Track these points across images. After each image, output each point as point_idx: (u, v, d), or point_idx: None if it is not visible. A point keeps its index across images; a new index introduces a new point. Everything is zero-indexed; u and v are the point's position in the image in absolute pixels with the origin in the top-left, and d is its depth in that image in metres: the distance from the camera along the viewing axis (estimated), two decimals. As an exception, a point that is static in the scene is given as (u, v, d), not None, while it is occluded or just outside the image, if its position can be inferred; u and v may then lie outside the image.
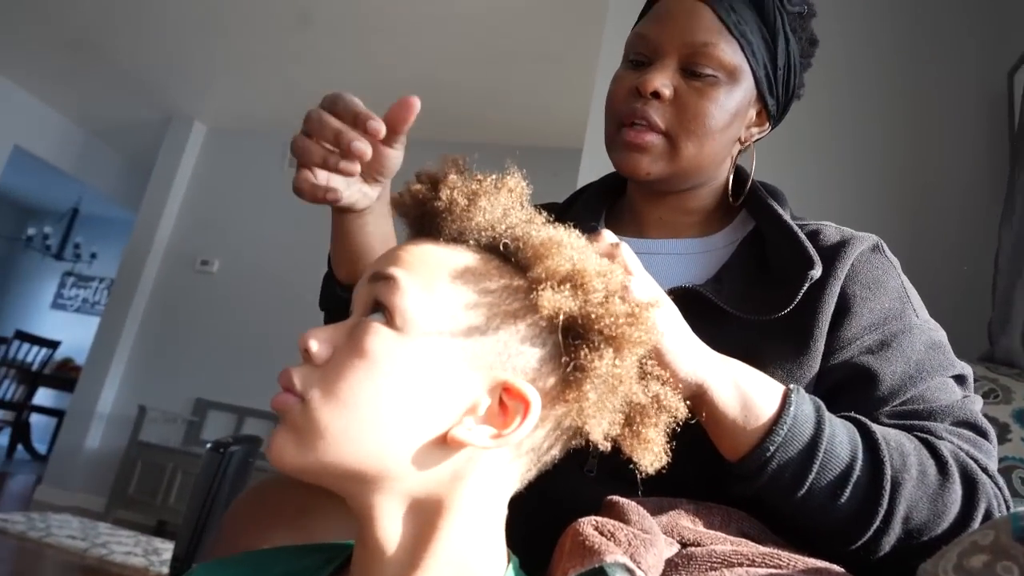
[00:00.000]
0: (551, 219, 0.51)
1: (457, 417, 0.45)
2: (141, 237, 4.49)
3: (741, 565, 0.54)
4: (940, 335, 0.70)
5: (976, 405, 0.67)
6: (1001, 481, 0.61)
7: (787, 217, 0.74)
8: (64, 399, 6.07)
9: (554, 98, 3.48)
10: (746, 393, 0.56)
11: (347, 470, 0.44)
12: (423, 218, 0.51)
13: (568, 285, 0.45)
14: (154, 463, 3.72)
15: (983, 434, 0.64)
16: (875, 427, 0.59)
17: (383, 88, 3.86)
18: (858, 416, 0.61)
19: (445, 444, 0.44)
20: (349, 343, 0.45)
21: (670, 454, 0.49)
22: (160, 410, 4.07)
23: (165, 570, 2.80)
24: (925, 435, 0.61)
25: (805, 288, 0.67)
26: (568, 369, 0.46)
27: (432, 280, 0.46)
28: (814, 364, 0.66)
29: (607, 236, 0.54)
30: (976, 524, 0.57)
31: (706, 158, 0.74)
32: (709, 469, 0.61)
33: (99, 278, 7.21)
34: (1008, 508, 0.60)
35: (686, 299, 0.66)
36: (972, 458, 0.61)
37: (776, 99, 0.76)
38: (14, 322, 7.08)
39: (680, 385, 0.53)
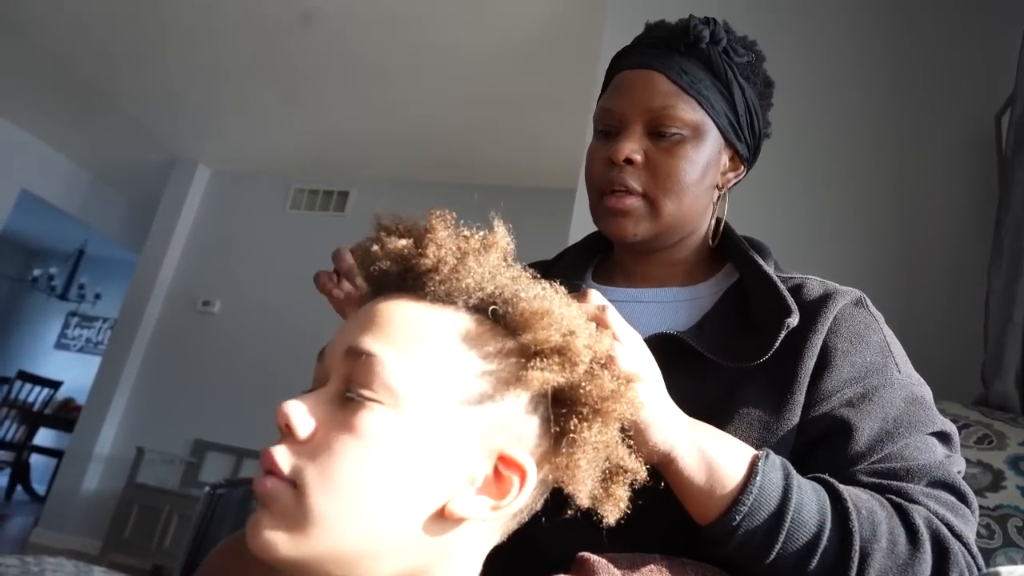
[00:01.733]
0: (537, 276, 0.51)
1: (455, 489, 0.44)
2: (143, 278, 4.52)
3: (709, 628, 0.53)
4: (923, 391, 0.70)
5: (957, 466, 0.66)
6: (975, 549, 0.60)
7: (767, 268, 0.75)
8: (65, 439, 6.04)
9: (550, 139, 3.53)
10: (712, 461, 0.56)
11: (341, 556, 0.41)
12: (405, 275, 0.48)
13: (557, 357, 0.45)
14: (151, 506, 3.69)
15: (962, 497, 0.63)
16: (846, 493, 0.59)
17: (382, 131, 3.93)
18: (830, 480, 0.60)
19: (443, 517, 0.43)
20: (339, 421, 0.43)
21: (643, 507, 0.50)
22: (158, 451, 4.04)
23: (158, 617, 2.74)
24: (899, 499, 0.60)
25: (782, 336, 0.67)
26: (559, 438, 0.46)
27: (417, 346, 0.44)
28: (793, 416, 0.66)
29: (594, 297, 0.54)
30: None
31: (687, 211, 0.76)
32: (690, 523, 0.61)
33: (103, 318, 7.24)
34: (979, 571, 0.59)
35: (667, 345, 0.68)
36: (946, 524, 0.60)
37: (744, 143, 0.80)
38: (17, 362, 7.09)
39: (651, 452, 0.54)
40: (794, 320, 0.68)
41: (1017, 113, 1.32)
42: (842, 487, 0.59)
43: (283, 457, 0.42)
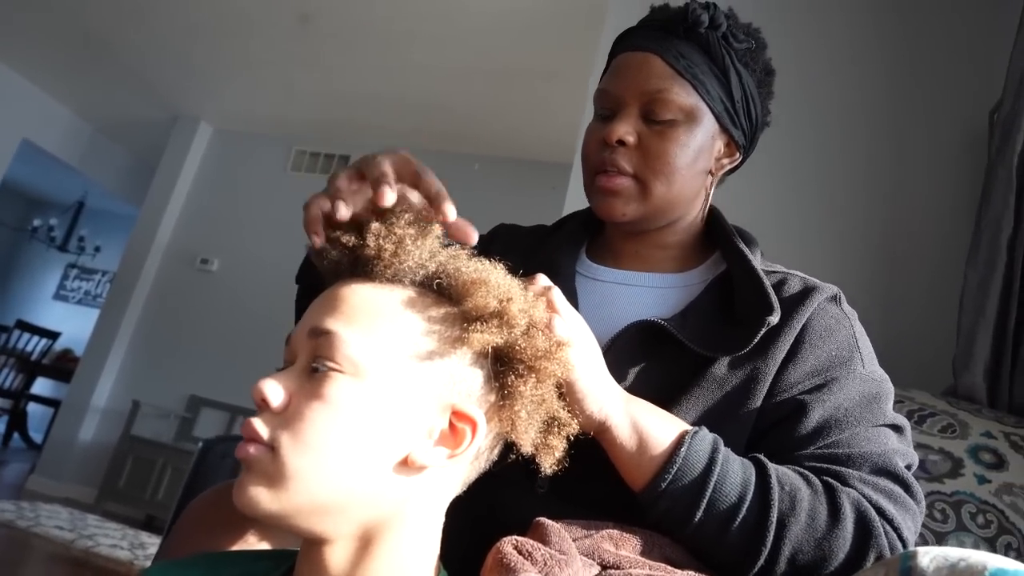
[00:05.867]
0: (475, 252, 0.56)
1: (416, 441, 0.49)
2: (143, 233, 4.54)
3: (653, 591, 0.58)
4: (883, 387, 0.72)
5: (906, 459, 0.69)
6: (907, 535, 0.63)
7: (755, 263, 0.77)
8: (62, 389, 6.11)
9: (551, 112, 3.52)
10: (643, 432, 0.61)
11: (316, 507, 0.46)
12: (355, 263, 0.53)
13: (495, 320, 0.50)
14: (145, 458, 3.76)
15: (905, 487, 0.66)
16: (772, 470, 0.62)
17: (384, 97, 3.92)
18: (761, 458, 0.64)
19: (405, 466, 0.48)
20: (308, 391, 0.47)
21: (596, 480, 0.55)
22: (154, 405, 4.11)
23: (148, 563, 2.83)
24: (830, 480, 0.64)
25: (762, 333, 0.70)
26: (501, 392, 0.51)
27: (372, 322, 0.49)
28: (754, 402, 0.70)
29: (541, 280, 0.59)
30: (864, 566, 0.60)
31: (676, 195, 0.78)
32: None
33: (102, 271, 7.27)
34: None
35: (651, 331, 0.72)
36: (876, 507, 0.63)
37: (740, 129, 0.80)
38: (16, 311, 7.14)
39: (589, 419, 0.59)
40: (775, 318, 0.71)
41: (1004, 112, 1.34)
42: (771, 465, 0.63)
43: (261, 426, 0.47)
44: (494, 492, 0.61)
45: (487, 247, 1.01)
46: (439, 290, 0.52)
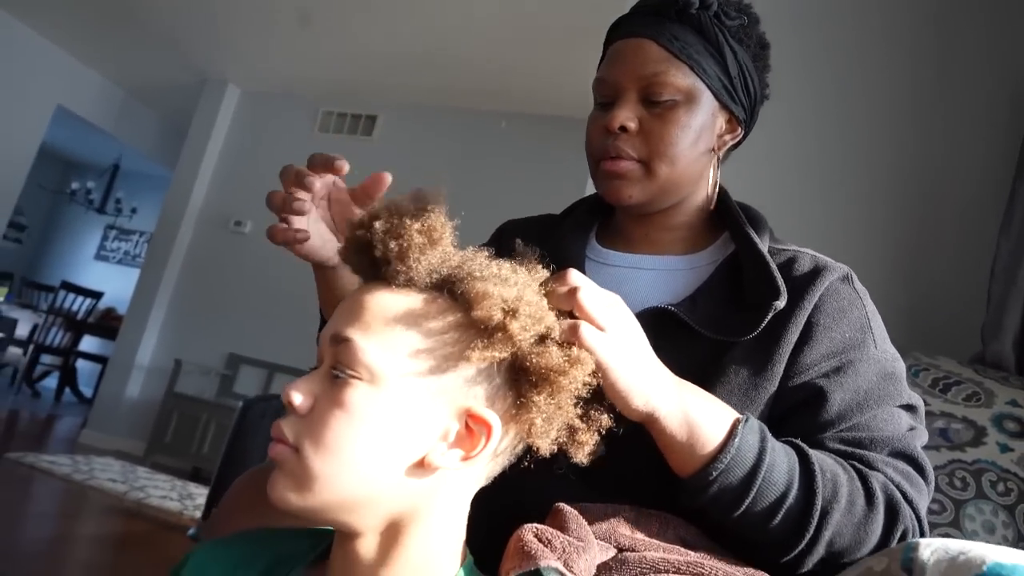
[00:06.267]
0: (492, 253, 0.56)
1: (431, 444, 0.51)
2: (177, 196, 4.63)
3: (667, 572, 0.61)
4: (896, 366, 0.74)
5: (920, 439, 0.71)
6: (922, 515, 0.66)
7: (761, 246, 0.77)
8: (107, 346, 6.35)
9: (578, 69, 3.45)
10: (694, 422, 0.61)
11: (340, 504, 0.50)
12: (372, 264, 0.54)
13: (498, 335, 0.50)
14: (189, 414, 3.93)
15: (919, 469, 0.69)
16: (814, 457, 0.64)
17: (410, 55, 3.89)
18: (801, 444, 0.65)
19: (422, 467, 0.51)
20: (329, 396, 0.50)
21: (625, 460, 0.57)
22: (195, 363, 4.26)
23: (198, 514, 2.98)
24: (861, 466, 0.66)
25: (769, 317, 0.71)
26: (515, 401, 0.53)
27: (388, 330, 0.51)
28: (771, 385, 0.71)
29: (573, 277, 0.56)
30: (890, 545, 0.63)
31: (681, 175, 0.78)
32: (667, 475, 0.67)
33: (139, 232, 7.44)
34: (922, 533, 0.65)
35: (662, 317, 0.73)
36: (900, 490, 0.66)
37: (740, 105, 0.80)
38: (60, 272, 7.38)
39: (632, 413, 0.59)
40: (781, 302, 0.71)
41: (1044, 73, 1.29)
42: (811, 451, 0.65)
43: (288, 428, 0.50)
44: (515, 474, 0.61)
45: (496, 247, 1.04)
46: (451, 295, 0.53)
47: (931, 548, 0.52)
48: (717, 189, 0.85)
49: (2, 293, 6.28)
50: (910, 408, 0.73)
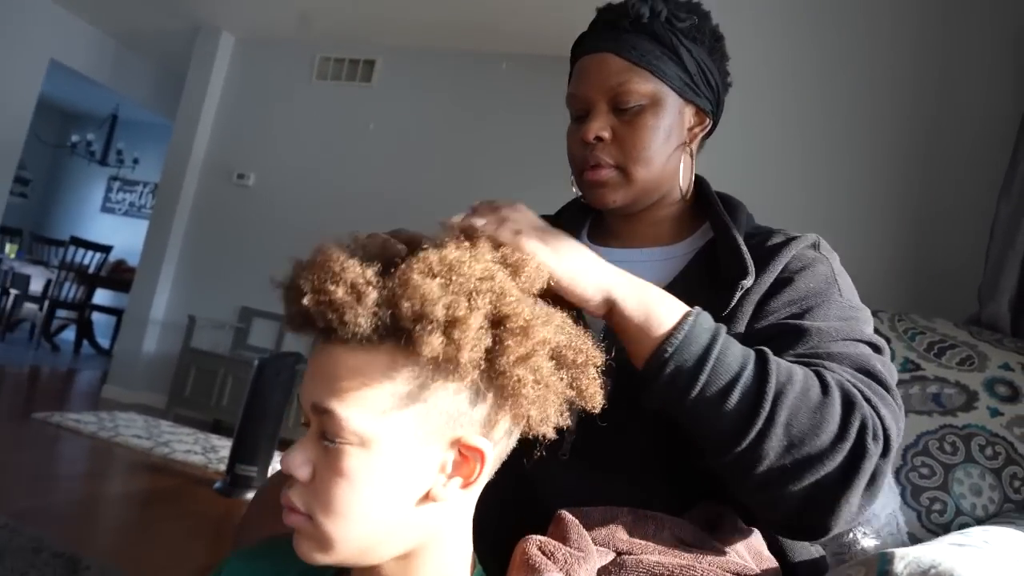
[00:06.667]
0: (403, 256, 0.56)
1: (432, 479, 0.54)
2: (179, 150, 4.61)
3: (662, 575, 0.66)
4: (860, 313, 0.77)
5: (885, 367, 0.72)
6: (889, 422, 0.65)
7: (734, 229, 0.83)
8: (120, 298, 6.45)
9: (578, 6, 3.37)
10: (649, 304, 0.66)
11: (363, 550, 0.54)
12: (320, 329, 0.54)
13: (451, 365, 0.51)
14: (206, 368, 4.03)
15: (882, 384, 0.70)
16: (766, 349, 0.67)
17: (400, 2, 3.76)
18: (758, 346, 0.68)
19: (429, 499, 0.55)
20: (327, 465, 0.52)
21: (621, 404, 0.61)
22: (208, 318, 4.34)
23: (222, 467, 3.09)
24: (817, 367, 0.68)
25: (738, 296, 0.76)
26: (500, 404, 0.55)
27: (363, 393, 0.52)
28: (739, 335, 0.75)
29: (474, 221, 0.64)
30: (850, 437, 0.63)
31: (658, 174, 0.85)
32: (664, 442, 0.73)
33: (143, 182, 7.43)
34: (885, 440, 0.64)
35: None
36: (858, 390, 0.67)
37: (704, 97, 0.86)
38: (68, 226, 7.42)
39: (590, 301, 0.65)
40: (749, 281, 0.76)
41: (1050, 34, 1.27)
42: (764, 347, 0.67)
43: (296, 498, 0.53)
44: (519, 462, 0.64)
45: None
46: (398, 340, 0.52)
47: (905, 561, 0.56)
48: (694, 179, 0.91)
49: (13, 250, 6.34)
50: (875, 347, 0.74)
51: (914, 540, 1.13)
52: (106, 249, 6.21)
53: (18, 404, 3.90)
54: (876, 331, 1.37)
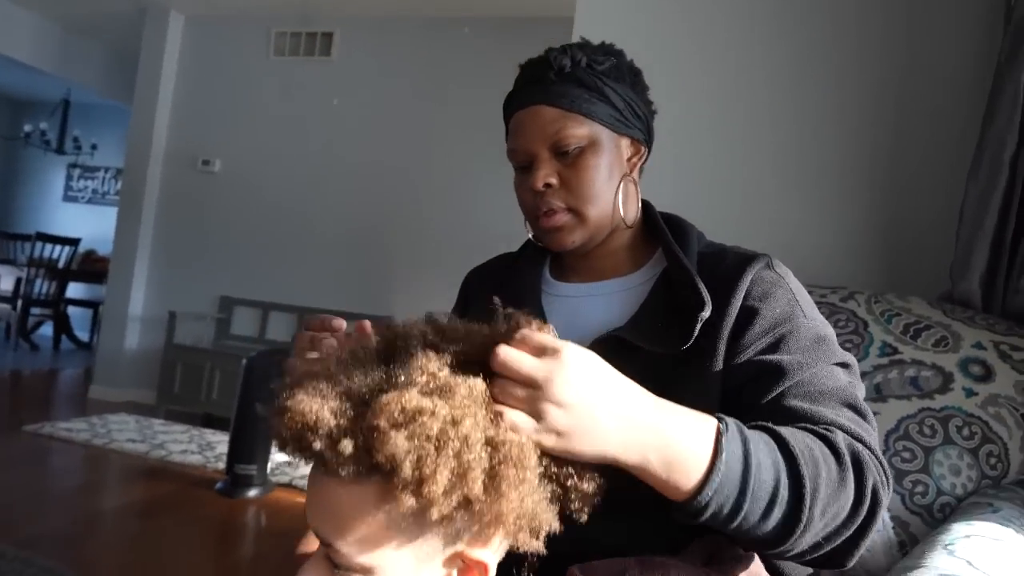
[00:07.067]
0: (384, 383, 0.56)
1: None
2: (139, 139, 4.49)
3: (671, 627, 0.70)
4: (826, 331, 0.82)
5: (859, 391, 0.80)
6: (879, 453, 0.72)
7: (685, 260, 0.86)
8: (95, 290, 6.36)
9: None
10: (670, 457, 0.62)
11: None
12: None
13: (433, 508, 0.52)
14: (192, 363, 4.02)
15: (863, 416, 0.76)
16: (790, 439, 0.68)
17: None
18: (774, 428, 0.69)
19: None
20: None
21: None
22: (189, 311, 4.30)
23: (221, 465, 3.12)
24: (823, 430, 0.71)
25: (699, 326, 0.79)
26: (483, 532, 0.56)
27: (361, 528, 0.54)
28: (719, 375, 0.79)
29: (498, 361, 0.57)
30: (866, 501, 0.68)
31: (607, 209, 0.89)
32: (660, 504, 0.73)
33: (104, 168, 7.23)
34: (887, 479, 0.70)
35: (613, 342, 0.80)
36: (858, 439, 0.72)
37: (636, 128, 0.90)
38: (31, 219, 7.24)
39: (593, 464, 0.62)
40: (707, 312, 0.79)
41: (1017, 16, 1.27)
42: (784, 433, 0.69)
43: None
44: None
45: (464, 302, 1.07)
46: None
47: None
48: (640, 207, 0.94)
49: (-23, 250, 6.19)
50: (845, 366, 0.81)
51: (900, 523, 1.19)
52: (74, 242, 6.09)
53: (4, 415, 3.88)
54: (853, 314, 1.41)
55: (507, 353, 0.57)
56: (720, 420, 0.66)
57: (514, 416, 0.56)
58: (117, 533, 2.41)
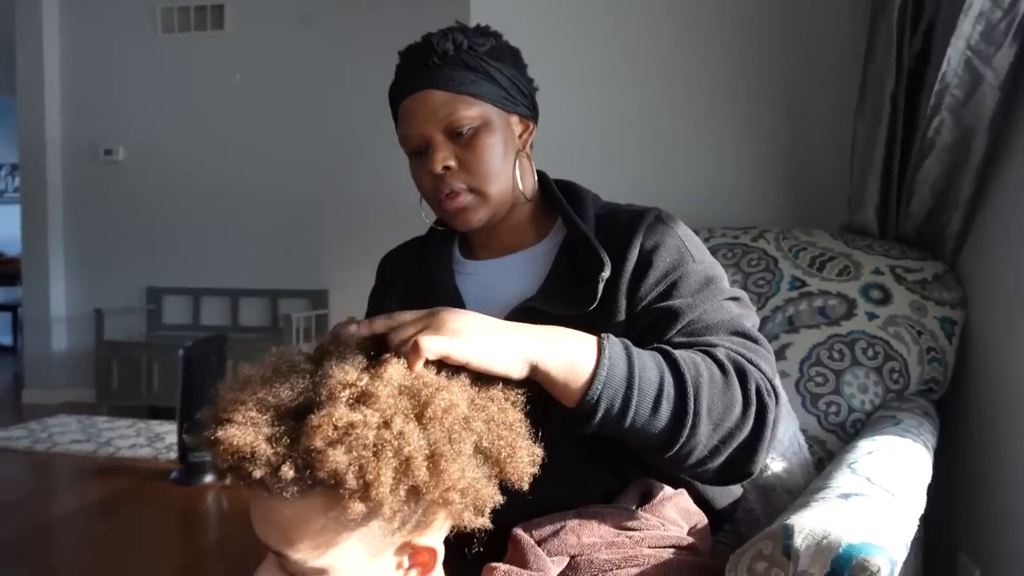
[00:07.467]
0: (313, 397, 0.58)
1: None
2: (30, 133, 4.23)
3: (611, 570, 0.78)
4: (715, 271, 0.90)
5: (750, 320, 0.87)
6: (766, 369, 0.78)
7: (583, 225, 0.91)
8: (10, 292, 6.05)
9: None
10: (567, 354, 0.70)
11: None
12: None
13: (380, 506, 0.55)
14: (128, 358, 3.92)
15: (753, 340, 0.84)
16: (669, 348, 0.77)
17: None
18: (658, 344, 0.79)
19: None
20: None
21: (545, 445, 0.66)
22: (116, 306, 4.17)
23: (172, 455, 3.09)
24: (705, 347, 0.80)
25: (601, 286, 0.85)
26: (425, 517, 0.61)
27: (308, 537, 0.57)
28: (623, 325, 0.86)
29: (374, 326, 0.67)
30: (752, 402, 0.74)
31: (507, 185, 0.92)
32: (588, 444, 0.79)
33: (-2, 163, 6.78)
34: (774, 392, 0.76)
35: (526, 312, 0.85)
36: (741, 355, 0.80)
37: (523, 105, 0.94)
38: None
39: (512, 372, 0.66)
40: (606, 272, 0.85)
41: (887, -41, 1.34)
42: (664, 346, 0.78)
43: None
44: None
45: (382, 288, 1.11)
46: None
47: (803, 534, 0.68)
48: (536, 179, 0.99)
49: None
50: (735, 299, 0.89)
51: (818, 443, 1.32)
52: (-23, 245, 5.76)
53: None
54: (764, 253, 1.50)
55: (394, 314, 0.66)
56: (603, 335, 0.74)
57: (418, 339, 0.62)
58: (77, 536, 2.39)
